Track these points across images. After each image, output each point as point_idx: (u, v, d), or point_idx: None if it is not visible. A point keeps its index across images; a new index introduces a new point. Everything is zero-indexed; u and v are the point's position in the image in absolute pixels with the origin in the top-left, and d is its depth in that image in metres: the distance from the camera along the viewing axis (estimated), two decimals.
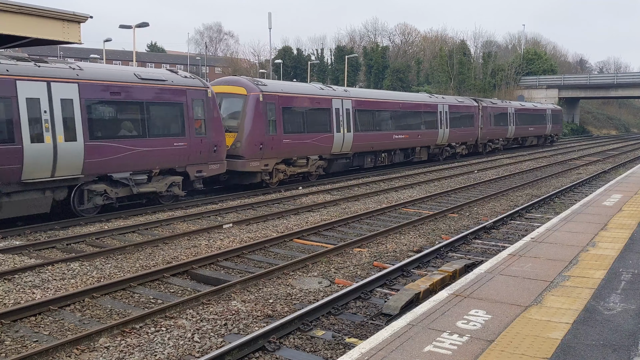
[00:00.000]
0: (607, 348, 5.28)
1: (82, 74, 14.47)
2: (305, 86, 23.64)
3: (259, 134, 19.47)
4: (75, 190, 14.43)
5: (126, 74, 15.70)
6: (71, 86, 13.98)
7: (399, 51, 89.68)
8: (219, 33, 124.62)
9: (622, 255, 8.79)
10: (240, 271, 10.29)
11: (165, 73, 17.02)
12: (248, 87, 19.83)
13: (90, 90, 14.42)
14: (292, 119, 21.01)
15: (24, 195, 13.31)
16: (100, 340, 7.02)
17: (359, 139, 24.49)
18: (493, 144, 40.29)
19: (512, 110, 42.25)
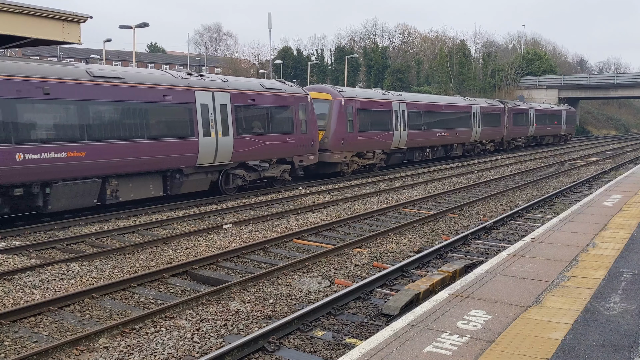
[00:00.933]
0: (607, 348, 5.27)
1: (231, 85, 18.85)
2: (371, 92, 28.45)
3: (341, 131, 24.03)
4: (223, 173, 18.67)
5: (255, 85, 20.35)
6: (225, 94, 18.30)
7: (399, 51, 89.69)
8: (219, 33, 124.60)
9: (622, 255, 8.78)
10: (240, 271, 10.28)
11: (278, 83, 21.54)
12: (332, 94, 24.32)
13: (236, 97, 18.75)
14: (364, 119, 25.42)
15: (196, 177, 17.65)
16: (100, 340, 7.01)
17: (412, 136, 29.05)
18: (516, 141, 44.26)
19: (532, 112, 46.19)
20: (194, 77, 17.52)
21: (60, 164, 13.56)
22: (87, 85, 14.19)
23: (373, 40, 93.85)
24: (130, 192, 15.66)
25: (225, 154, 18.15)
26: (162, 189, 16.70)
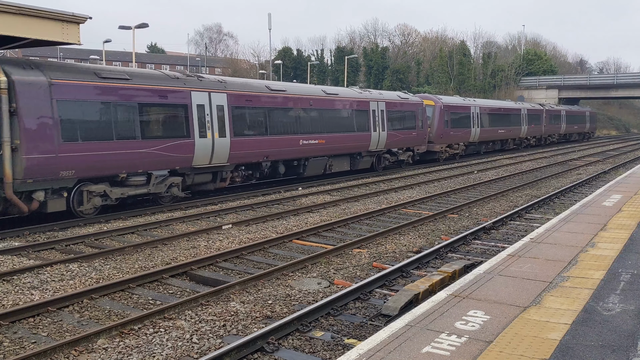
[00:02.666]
0: (606, 349, 5.27)
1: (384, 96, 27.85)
2: (456, 98, 37.41)
3: (441, 128, 32.62)
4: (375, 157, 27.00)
5: (394, 95, 29.25)
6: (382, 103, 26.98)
7: (399, 52, 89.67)
8: (219, 34, 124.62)
9: (621, 255, 8.78)
10: (240, 272, 10.28)
11: (409, 95, 31.02)
12: (435, 101, 32.98)
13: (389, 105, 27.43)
14: (454, 119, 34.01)
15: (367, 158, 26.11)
16: (99, 341, 7.01)
17: (482, 133, 37.82)
18: (550, 138, 53.07)
19: (564, 113, 55.40)
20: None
21: (314, 147, 22.11)
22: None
23: (373, 40, 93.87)
24: (337, 167, 23.98)
25: (382, 144, 26.65)
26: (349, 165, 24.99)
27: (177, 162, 16.60)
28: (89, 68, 15.38)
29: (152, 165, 15.94)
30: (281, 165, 21.14)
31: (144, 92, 15.81)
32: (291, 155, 21.15)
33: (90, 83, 14.66)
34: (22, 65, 13.76)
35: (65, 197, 14.20)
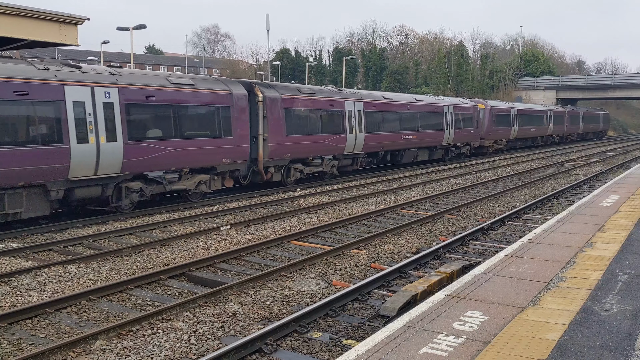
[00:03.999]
0: (603, 349, 5.28)
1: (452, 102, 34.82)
2: (500, 102, 45.98)
3: (490, 127, 39.72)
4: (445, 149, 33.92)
5: (458, 101, 36.14)
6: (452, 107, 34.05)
7: (397, 53, 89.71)
8: (217, 35, 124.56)
9: (618, 256, 8.79)
10: (238, 273, 10.28)
11: (469, 100, 38.44)
12: (485, 104, 40.04)
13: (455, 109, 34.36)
14: (499, 120, 41.44)
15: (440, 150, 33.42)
16: (97, 342, 7.01)
17: (520, 131, 45.37)
18: (571, 136, 60.71)
19: (581, 114, 63.32)
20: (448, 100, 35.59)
21: (409, 141, 28.92)
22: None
23: (371, 41, 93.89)
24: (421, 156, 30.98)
25: (451, 139, 33.51)
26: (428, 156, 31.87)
27: (336, 150, 23.82)
28: (296, 87, 23.36)
29: (324, 152, 23.16)
30: (389, 154, 28.40)
31: (322, 102, 23.23)
32: (396, 147, 28.42)
33: (297, 97, 21.96)
34: (266, 85, 21.14)
35: (280, 172, 21.16)
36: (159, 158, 15.95)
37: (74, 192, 14.21)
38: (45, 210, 13.75)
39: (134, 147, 15.23)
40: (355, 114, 24.71)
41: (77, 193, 14.32)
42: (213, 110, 17.67)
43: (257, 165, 19.83)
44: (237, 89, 18.78)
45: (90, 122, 14.18)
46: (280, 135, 20.51)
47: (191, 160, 16.95)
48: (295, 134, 21.27)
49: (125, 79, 15.35)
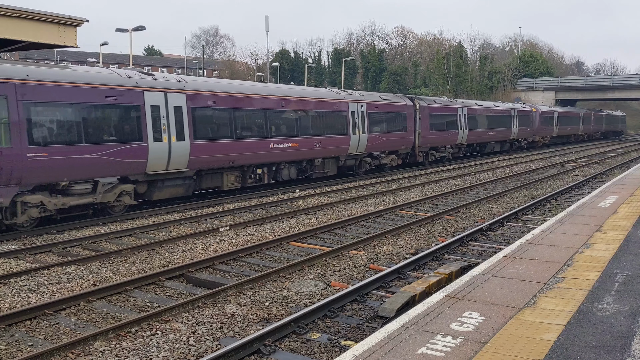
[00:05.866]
0: (600, 349, 5.30)
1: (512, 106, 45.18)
2: (545, 107, 53.16)
3: (540, 126, 48.56)
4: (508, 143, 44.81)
5: (519, 106, 45.56)
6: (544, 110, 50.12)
7: (396, 54, 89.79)
8: (216, 36, 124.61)
9: (616, 256, 8.82)
10: (237, 274, 10.30)
11: (524, 105, 48.02)
12: (536, 107, 48.36)
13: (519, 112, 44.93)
14: (545, 120, 49.80)
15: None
16: (96, 344, 7.03)
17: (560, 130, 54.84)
18: (595, 134, 70.21)
19: (604, 116, 72.98)
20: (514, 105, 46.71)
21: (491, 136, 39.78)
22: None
23: (370, 42, 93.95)
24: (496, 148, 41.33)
25: (515, 135, 43.53)
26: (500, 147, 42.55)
27: (453, 142, 34.13)
28: (433, 99, 33.37)
29: (447, 143, 33.48)
30: (478, 146, 39.20)
31: (447, 108, 33.68)
32: (481, 140, 38.88)
33: (434, 105, 32.38)
34: (418, 98, 31.89)
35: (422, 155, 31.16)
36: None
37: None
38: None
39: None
40: (463, 117, 35.21)
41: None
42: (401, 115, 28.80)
43: (414, 150, 30.33)
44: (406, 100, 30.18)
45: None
46: (427, 131, 30.90)
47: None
48: (434, 130, 31.67)
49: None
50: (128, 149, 15.08)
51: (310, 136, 22.20)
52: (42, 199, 13.44)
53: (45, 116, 13.50)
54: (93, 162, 14.31)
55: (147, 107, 15.62)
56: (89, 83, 14.43)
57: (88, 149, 14.18)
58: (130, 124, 15.29)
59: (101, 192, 14.71)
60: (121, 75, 15.52)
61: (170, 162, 16.25)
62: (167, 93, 16.29)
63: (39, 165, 13.11)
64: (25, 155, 12.84)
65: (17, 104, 12.75)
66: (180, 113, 16.56)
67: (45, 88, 13.40)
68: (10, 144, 12.61)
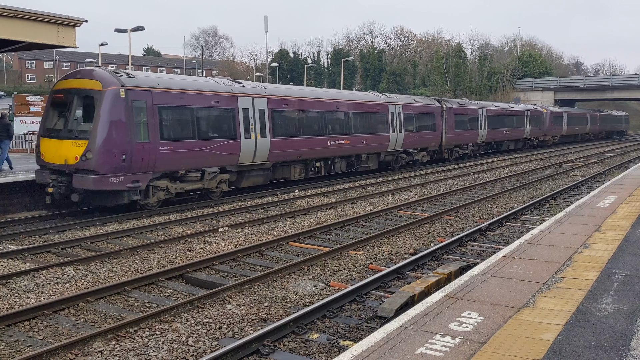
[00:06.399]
0: (598, 349, 5.31)
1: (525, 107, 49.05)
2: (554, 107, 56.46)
3: (550, 126, 51.52)
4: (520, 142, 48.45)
5: (531, 107, 49.16)
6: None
7: (395, 54, 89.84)
8: (215, 36, 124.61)
9: (615, 256, 8.82)
10: (236, 274, 10.29)
11: (538, 106, 51.67)
12: (546, 108, 51.57)
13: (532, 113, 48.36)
14: (555, 120, 52.62)
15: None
16: (95, 344, 7.02)
17: (569, 129, 57.60)
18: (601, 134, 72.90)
19: (609, 116, 75.89)
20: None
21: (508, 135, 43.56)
22: None
23: (369, 42, 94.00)
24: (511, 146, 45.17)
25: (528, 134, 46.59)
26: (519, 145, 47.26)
27: (475, 140, 37.43)
28: (457, 101, 36.12)
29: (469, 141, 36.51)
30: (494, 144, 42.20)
31: (468, 110, 36.23)
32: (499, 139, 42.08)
33: (459, 107, 34.89)
34: (445, 100, 34.49)
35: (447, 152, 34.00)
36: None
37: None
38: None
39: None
40: (483, 117, 37.89)
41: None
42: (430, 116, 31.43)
43: (441, 148, 32.87)
44: (435, 102, 32.99)
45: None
46: (452, 130, 33.50)
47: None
48: (458, 130, 34.18)
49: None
50: (226, 144, 18.09)
51: (359, 134, 24.95)
52: (167, 184, 16.45)
53: (170, 117, 16.37)
54: (202, 155, 17.25)
55: (240, 110, 18.66)
56: (200, 90, 17.46)
57: (199, 144, 17.13)
58: (227, 124, 18.28)
59: (207, 180, 17.67)
60: (220, 83, 18.68)
61: (255, 155, 19.28)
62: (254, 98, 19.38)
63: (166, 157, 16.04)
64: (158, 148, 15.75)
65: (153, 107, 15.66)
66: (262, 114, 19.58)
67: (171, 94, 16.31)
68: (149, 139, 15.52)
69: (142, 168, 15.33)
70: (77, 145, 14.69)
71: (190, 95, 16.94)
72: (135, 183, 15.28)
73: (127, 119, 14.98)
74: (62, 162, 14.87)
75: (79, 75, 15.85)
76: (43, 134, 15.73)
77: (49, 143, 15.35)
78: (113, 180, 14.72)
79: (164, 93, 16.05)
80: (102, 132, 14.56)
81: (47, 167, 15.31)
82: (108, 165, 14.60)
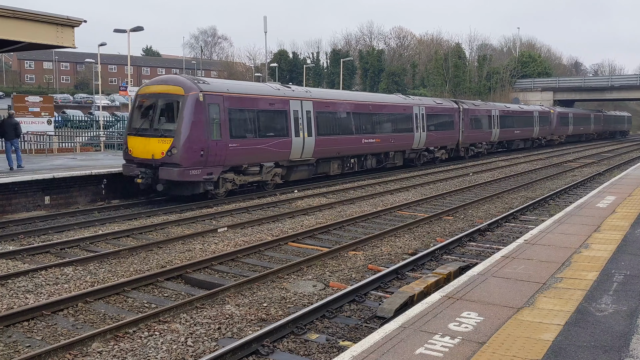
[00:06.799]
0: (598, 349, 5.30)
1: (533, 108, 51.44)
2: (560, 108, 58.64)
3: (557, 126, 54.06)
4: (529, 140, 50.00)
5: (539, 108, 51.79)
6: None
7: (394, 54, 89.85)
8: (214, 37, 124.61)
9: (614, 256, 8.82)
10: (235, 275, 10.28)
11: (544, 107, 53.11)
12: (553, 109, 53.46)
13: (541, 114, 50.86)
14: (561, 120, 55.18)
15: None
16: (93, 345, 7.01)
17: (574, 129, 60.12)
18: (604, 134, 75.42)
19: (612, 117, 78.70)
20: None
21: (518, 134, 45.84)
22: None
23: (369, 43, 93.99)
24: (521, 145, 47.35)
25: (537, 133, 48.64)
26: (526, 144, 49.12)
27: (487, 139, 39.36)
28: (472, 102, 38.06)
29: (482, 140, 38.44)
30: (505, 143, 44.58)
31: (482, 110, 38.21)
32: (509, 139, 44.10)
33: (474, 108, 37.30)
34: (462, 102, 35.89)
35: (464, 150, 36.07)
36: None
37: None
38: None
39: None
40: (495, 118, 40.13)
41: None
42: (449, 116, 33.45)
43: (458, 146, 35.01)
44: (453, 104, 35.03)
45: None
46: (468, 130, 35.46)
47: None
48: (473, 129, 36.44)
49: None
50: (280, 142, 20.25)
51: (388, 133, 27.27)
52: (233, 176, 18.65)
53: (237, 118, 18.54)
54: (261, 151, 19.47)
55: (291, 112, 20.86)
56: (260, 94, 19.79)
57: (259, 142, 19.34)
58: (281, 124, 20.45)
59: (264, 173, 19.86)
60: (274, 88, 21.09)
61: (303, 152, 21.47)
62: (302, 101, 21.59)
63: (234, 153, 18.21)
64: (228, 145, 17.90)
65: (224, 109, 17.80)
66: (309, 116, 21.78)
67: (237, 98, 18.60)
68: (221, 137, 17.63)
69: (215, 162, 17.56)
70: (163, 142, 16.83)
71: (252, 99, 19.26)
72: (210, 175, 17.50)
73: (204, 120, 17.14)
74: (150, 157, 16.93)
75: (163, 81, 18.11)
76: (130, 132, 17.78)
77: (137, 140, 17.39)
78: (193, 172, 16.89)
79: (232, 97, 18.38)
80: (185, 131, 16.68)
81: (134, 161, 17.33)
82: (190, 160, 16.73)
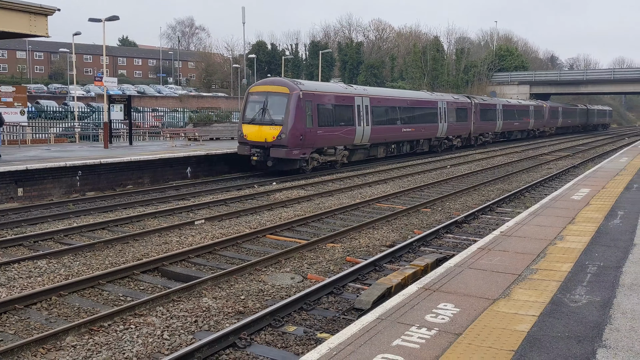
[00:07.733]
0: (571, 339, 5.37)
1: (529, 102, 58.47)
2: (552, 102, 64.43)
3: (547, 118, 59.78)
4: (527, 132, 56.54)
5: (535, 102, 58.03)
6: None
7: (373, 47, 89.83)
8: (191, 27, 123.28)
9: (588, 248, 8.96)
10: (212, 268, 10.21)
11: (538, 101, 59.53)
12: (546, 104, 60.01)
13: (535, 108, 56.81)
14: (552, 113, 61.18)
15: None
16: (67, 339, 6.90)
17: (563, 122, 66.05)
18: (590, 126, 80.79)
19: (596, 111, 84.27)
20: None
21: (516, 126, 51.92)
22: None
23: (347, 35, 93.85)
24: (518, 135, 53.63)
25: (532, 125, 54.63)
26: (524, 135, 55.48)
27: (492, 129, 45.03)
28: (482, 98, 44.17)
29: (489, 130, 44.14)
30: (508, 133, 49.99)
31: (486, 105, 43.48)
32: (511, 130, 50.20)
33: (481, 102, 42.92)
34: (473, 97, 42.67)
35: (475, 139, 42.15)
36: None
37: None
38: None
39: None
40: (500, 111, 45.75)
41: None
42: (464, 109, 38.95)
43: (470, 135, 40.86)
44: (467, 99, 40.45)
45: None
46: (478, 121, 41.58)
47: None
48: (482, 121, 42.42)
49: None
50: (349, 129, 25.89)
51: (420, 124, 32.87)
52: (317, 156, 24.18)
53: (322, 111, 23.99)
54: (336, 137, 25.07)
55: (355, 106, 26.43)
56: (335, 92, 25.62)
57: (336, 129, 24.95)
58: (348, 115, 25.94)
59: (337, 154, 25.34)
60: (343, 87, 27.81)
61: (362, 138, 26.93)
62: (362, 97, 27.19)
63: (320, 137, 23.82)
64: (317, 132, 23.47)
65: (314, 104, 23.38)
66: (367, 109, 27.28)
67: (322, 95, 24.37)
68: (312, 125, 23.13)
69: (308, 145, 22.96)
70: (273, 129, 22.23)
71: (330, 96, 25.00)
72: (304, 155, 22.90)
73: (302, 112, 22.53)
74: (262, 140, 22.29)
75: (271, 82, 23.97)
76: (244, 121, 23.15)
77: (251, 128, 22.78)
78: (295, 152, 22.29)
79: (318, 94, 24.05)
80: (291, 120, 22.17)
81: (248, 143, 22.64)
82: (294, 143, 22.14)
